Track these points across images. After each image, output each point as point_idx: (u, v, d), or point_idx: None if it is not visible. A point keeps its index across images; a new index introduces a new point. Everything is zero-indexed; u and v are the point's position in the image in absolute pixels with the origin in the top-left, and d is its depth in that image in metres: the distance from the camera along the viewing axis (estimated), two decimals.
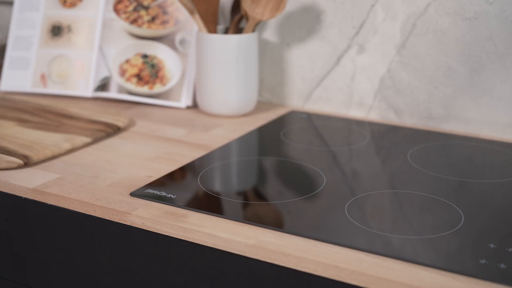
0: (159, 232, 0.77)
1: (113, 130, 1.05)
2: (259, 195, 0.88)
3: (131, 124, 1.11)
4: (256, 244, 0.71)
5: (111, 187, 0.86)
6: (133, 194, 0.83)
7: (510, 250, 0.70)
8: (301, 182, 0.91)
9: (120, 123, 1.08)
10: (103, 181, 0.88)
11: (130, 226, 0.79)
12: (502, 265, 0.67)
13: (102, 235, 0.83)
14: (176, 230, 0.76)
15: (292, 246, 0.71)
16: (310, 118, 1.17)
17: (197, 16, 1.13)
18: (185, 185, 0.89)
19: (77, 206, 0.82)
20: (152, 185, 0.86)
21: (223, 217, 0.77)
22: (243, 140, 1.05)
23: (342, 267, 0.67)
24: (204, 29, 1.14)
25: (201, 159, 0.96)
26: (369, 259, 0.68)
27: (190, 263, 0.77)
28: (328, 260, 0.68)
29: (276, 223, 0.76)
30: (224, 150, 1.00)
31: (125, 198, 0.83)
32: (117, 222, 0.80)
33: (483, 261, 0.67)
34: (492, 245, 0.71)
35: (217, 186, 0.90)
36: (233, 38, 1.12)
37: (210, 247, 0.74)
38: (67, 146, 0.97)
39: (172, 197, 0.82)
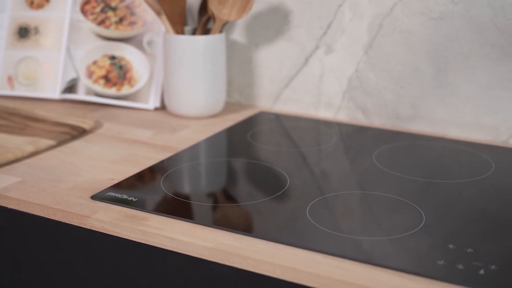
0: (119, 236, 0.76)
1: (79, 133, 1.04)
2: (221, 198, 0.88)
3: (97, 126, 1.10)
4: (215, 247, 0.71)
5: (72, 190, 0.85)
6: (94, 197, 0.83)
7: (469, 251, 0.70)
8: (265, 184, 0.90)
9: (86, 125, 1.07)
10: (65, 184, 0.87)
11: (90, 229, 0.78)
12: (460, 266, 0.67)
13: (63, 239, 0.82)
14: (135, 234, 0.75)
15: (251, 249, 0.70)
16: (278, 119, 1.17)
17: (163, 17, 1.12)
18: (147, 188, 0.88)
19: (37, 210, 0.82)
20: (114, 188, 0.86)
21: (183, 220, 0.77)
22: (209, 141, 1.05)
23: (299, 269, 0.66)
24: (171, 30, 1.13)
25: (165, 161, 0.95)
26: (327, 261, 0.68)
27: (150, 266, 0.76)
28: (286, 262, 0.68)
29: (236, 226, 0.76)
30: (190, 151, 1.00)
31: (86, 201, 0.82)
32: (77, 226, 0.79)
33: (441, 262, 0.67)
34: (451, 246, 0.71)
35: (179, 188, 0.89)
36: (199, 39, 1.12)
37: (169, 251, 0.73)
38: (30, 149, 0.96)
39: (133, 200, 0.82)
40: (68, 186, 0.86)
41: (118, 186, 0.86)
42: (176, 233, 0.74)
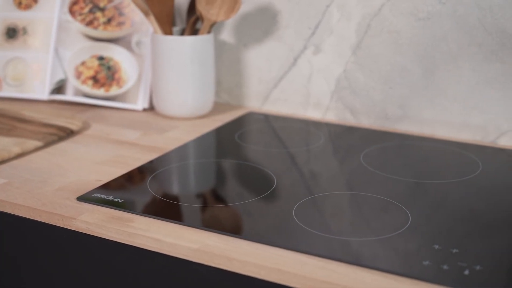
0: (104, 237, 0.76)
1: (66, 134, 1.04)
2: (208, 199, 0.87)
3: (85, 127, 1.10)
4: (200, 248, 0.71)
5: (58, 192, 0.85)
6: (80, 199, 0.82)
7: (454, 251, 0.70)
8: (252, 185, 0.90)
9: (74, 126, 1.06)
10: (51, 186, 0.86)
11: (76, 231, 0.78)
12: (445, 266, 0.67)
13: (49, 241, 0.82)
14: (121, 235, 0.75)
15: (237, 250, 0.70)
16: (267, 119, 1.16)
17: (152, 17, 1.12)
18: (134, 189, 0.88)
19: (23, 212, 0.81)
20: (100, 189, 0.85)
21: (169, 221, 0.77)
22: (197, 142, 1.04)
23: (284, 270, 0.66)
24: (159, 31, 1.13)
25: (152, 162, 0.95)
26: (313, 262, 0.68)
27: (136, 267, 0.76)
28: (271, 263, 0.67)
29: (222, 227, 0.76)
30: (177, 152, 0.99)
31: (72, 202, 0.82)
32: (63, 227, 0.79)
33: (426, 263, 0.67)
34: (437, 246, 0.71)
35: (165, 189, 0.89)
36: (187, 39, 1.12)
37: (155, 252, 0.73)
38: (16, 150, 0.96)
39: (120, 201, 0.81)
40: (54, 188, 0.86)
41: (104, 187, 0.86)
42: (161, 235, 0.73)
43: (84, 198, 0.82)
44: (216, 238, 0.73)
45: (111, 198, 0.82)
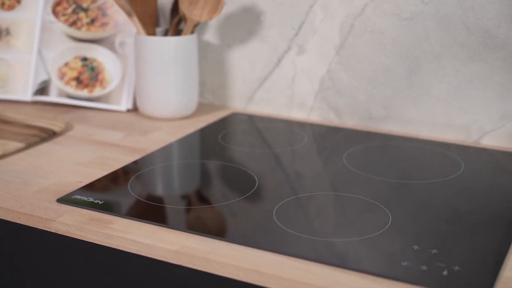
0: (83, 239, 0.76)
1: (48, 135, 1.03)
2: (189, 200, 0.87)
3: (68, 128, 1.09)
4: (179, 250, 0.70)
5: (39, 194, 0.84)
6: (60, 200, 0.82)
7: (433, 251, 0.69)
8: (233, 186, 0.90)
9: (56, 127, 1.06)
10: (32, 188, 0.86)
11: (55, 233, 0.77)
12: (424, 267, 0.66)
13: (29, 243, 0.81)
14: (100, 237, 0.75)
15: (215, 251, 0.70)
16: (251, 120, 1.16)
17: (135, 18, 1.12)
18: (115, 190, 0.88)
19: (2, 214, 0.81)
20: (81, 190, 0.85)
21: (148, 223, 0.76)
22: (179, 143, 1.04)
23: (262, 272, 0.66)
24: (142, 31, 1.13)
25: (134, 163, 0.95)
26: (291, 263, 0.67)
27: (115, 269, 0.76)
28: (249, 264, 0.67)
29: (202, 228, 0.75)
30: (159, 154, 0.99)
31: (52, 204, 0.81)
32: (42, 230, 0.78)
33: (405, 263, 0.67)
34: (416, 247, 0.70)
35: (146, 191, 0.89)
36: (171, 40, 1.11)
37: (134, 254, 0.73)
38: None
39: (100, 202, 0.81)
40: (34, 190, 0.85)
41: (85, 189, 0.85)
42: (140, 236, 0.73)
43: (64, 199, 0.82)
44: (195, 240, 0.72)
45: (91, 199, 0.82)
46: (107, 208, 0.80)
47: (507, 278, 0.65)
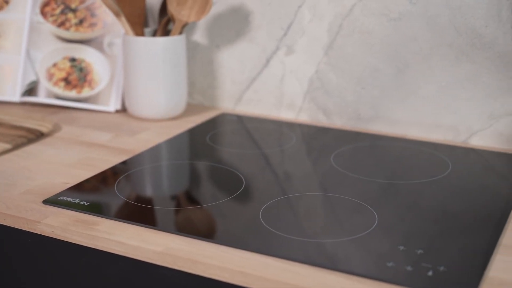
0: (69, 241, 0.75)
1: (36, 136, 1.03)
2: (173, 201, 0.87)
3: (56, 129, 1.09)
4: (164, 251, 0.70)
5: (25, 195, 0.84)
6: (45, 202, 0.81)
7: (419, 252, 0.69)
8: (220, 187, 0.90)
9: (44, 128, 1.05)
10: (18, 189, 0.86)
11: (41, 234, 0.77)
12: (409, 268, 0.66)
13: (14, 244, 0.81)
14: (85, 239, 0.74)
15: (201, 252, 0.70)
16: (240, 120, 1.16)
17: (123, 18, 1.11)
18: (101, 192, 0.87)
19: None
20: (67, 192, 0.84)
21: (134, 224, 0.76)
22: (168, 144, 1.04)
23: (247, 273, 0.66)
24: (130, 32, 1.12)
25: (121, 164, 0.95)
26: (277, 264, 0.67)
27: (100, 271, 0.75)
28: (234, 266, 0.67)
29: (187, 229, 0.75)
30: (147, 155, 0.99)
31: (37, 206, 0.81)
32: (28, 231, 0.78)
33: (390, 264, 0.67)
34: (402, 248, 0.70)
35: (132, 192, 0.88)
36: (159, 40, 1.11)
37: (119, 255, 0.73)
38: None
39: (85, 204, 0.81)
40: (20, 191, 0.85)
41: (71, 190, 0.85)
42: (125, 238, 0.73)
43: (50, 201, 0.82)
44: (180, 241, 0.72)
45: (77, 201, 0.82)
46: (93, 209, 0.80)
47: (492, 279, 0.65)
